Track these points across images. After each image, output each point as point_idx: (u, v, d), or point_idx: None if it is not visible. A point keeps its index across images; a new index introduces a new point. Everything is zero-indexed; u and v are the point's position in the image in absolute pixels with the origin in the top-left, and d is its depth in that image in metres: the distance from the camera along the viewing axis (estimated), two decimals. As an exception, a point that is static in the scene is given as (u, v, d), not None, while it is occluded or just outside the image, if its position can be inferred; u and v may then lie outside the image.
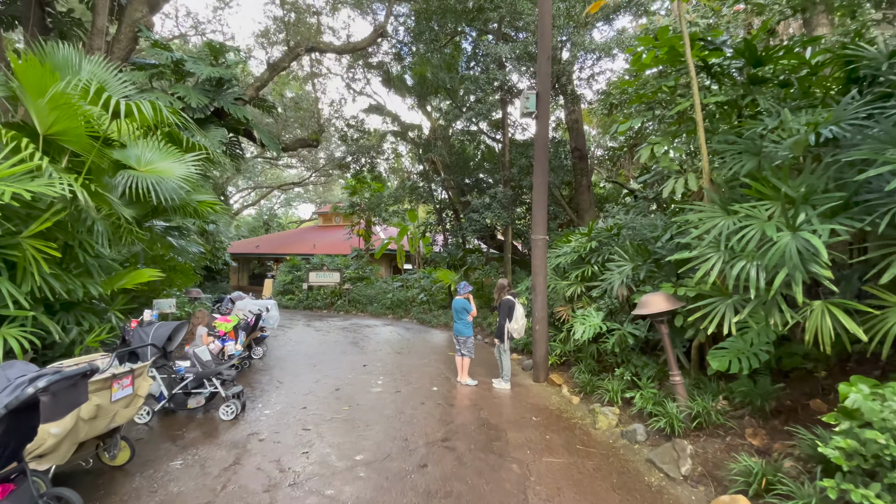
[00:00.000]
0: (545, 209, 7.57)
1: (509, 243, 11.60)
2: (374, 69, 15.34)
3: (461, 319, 7.57)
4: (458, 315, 7.59)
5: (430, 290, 16.98)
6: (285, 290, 20.60)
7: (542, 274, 7.44)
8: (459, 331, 7.56)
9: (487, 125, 14.14)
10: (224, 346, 7.61)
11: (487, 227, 12.80)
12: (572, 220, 12.90)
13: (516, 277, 13.86)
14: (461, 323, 7.57)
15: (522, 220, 13.82)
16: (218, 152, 8.36)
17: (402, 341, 11.61)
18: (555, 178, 12.95)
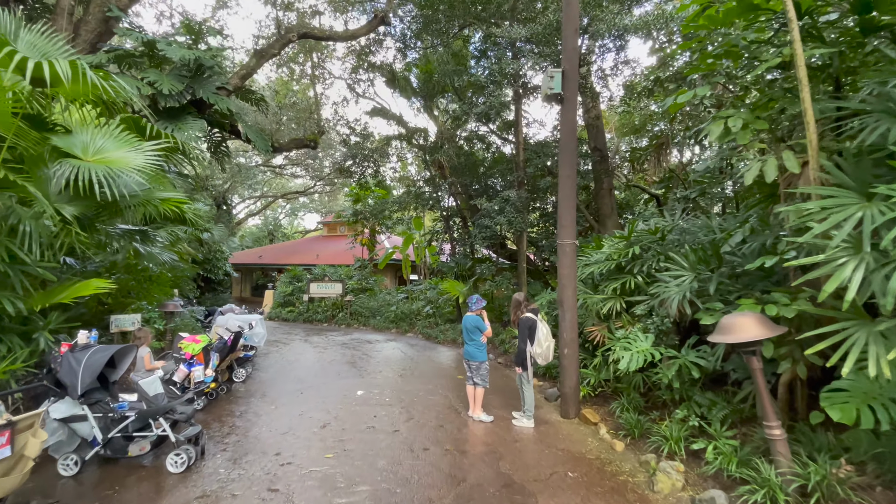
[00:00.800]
0: (573, 208, 6.18)
1: (523, 252, 10.22)
2: (377, 69, 14.15)
3: (473, 340, 6.15)
4: (470, 335, 6.17)
5: (436, 303, 15.56)
6: (286, 301, 19.27)
7: (570, 286, 6.03)
8: (471, 354, 6.13)
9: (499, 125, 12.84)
10: (190, 371, 6.24)
11: (497, 236, 11.43)
12: (592, 227, 11.48)
13: (531, 290, 12.42)
14: (473, 345, 6.15)
15: (536, 226, 12.43)
16: (196, 146, 7.06)
17: (405, 361, 10.18)
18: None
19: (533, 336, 5.91)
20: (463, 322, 6.28)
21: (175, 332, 9.37)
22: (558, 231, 6.22)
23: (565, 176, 6.17)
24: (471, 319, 6.16)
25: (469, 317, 6.20)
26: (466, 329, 6.19)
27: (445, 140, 14.50)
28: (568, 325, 6.00)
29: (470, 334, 6.16)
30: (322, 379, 8.40)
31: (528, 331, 5.96)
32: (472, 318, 6.16)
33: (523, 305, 6.28)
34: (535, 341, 5.90)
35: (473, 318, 6.17)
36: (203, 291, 23.57)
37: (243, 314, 9.86)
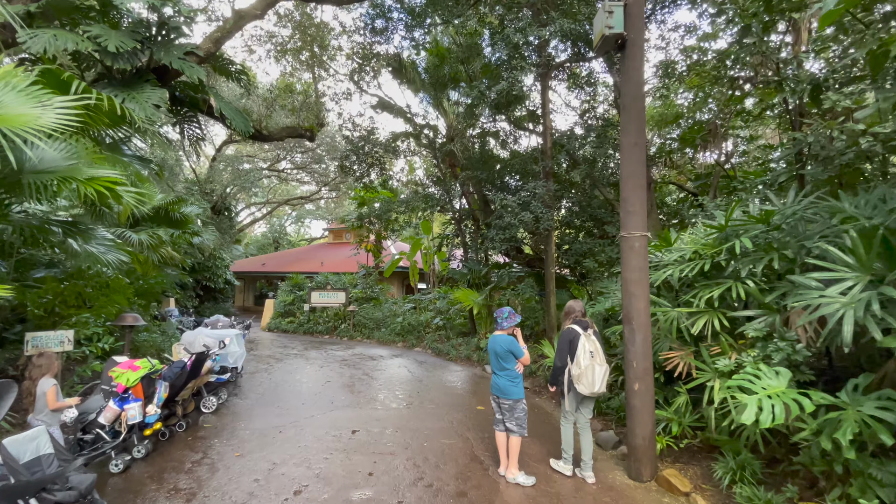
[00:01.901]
0: (643, 188, 4.41)
1: (551, 254, 8.40)
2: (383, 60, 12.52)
3: (506, 370, 4.34)
4: (501, 362, 4.36)
5: (446, 314, 13.74)
6: (286, 311, 17.54)
7: (641, 296, 4.22)
8: (503, 389, 4.32)
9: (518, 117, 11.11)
10: (123, 409, 4.46)
11: (514, 240, 9.64)
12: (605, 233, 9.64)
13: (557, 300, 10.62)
14: (506, 376, 4.34)
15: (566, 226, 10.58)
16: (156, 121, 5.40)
17: (412, 384, 8.35)
18: (601, 174, 9.80)
19: (573, 353, 4.27)
20: (490, 344, 4.47)
21: (139, 350, 7.65)
22: (622, 220, 4.43)
23: (630, 144, 4.40)
24: (502, 341, 4.35)
25: (499, 337, 4.40)
26: (496, 354, 4.38)
27: (456, 136, 12.81)
28: (639, 351, 4.17)
29: (501, 361, 4.35)
30: (311, 409, 6.60)
31: (568, 346, 4.33)
32: (504, 340, 4.35)
33: (574, 316, 4.62)
34: (574, 360, 4.27)
35: (505, 339, 4.37)
36: (202, 300, 21.92)
37: (224, 329, 8.14)
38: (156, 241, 10.61)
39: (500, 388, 4.32)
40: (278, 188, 29.08)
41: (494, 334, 4.46)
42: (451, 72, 10.92)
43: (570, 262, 9.41)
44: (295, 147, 23.15)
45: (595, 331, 4.51)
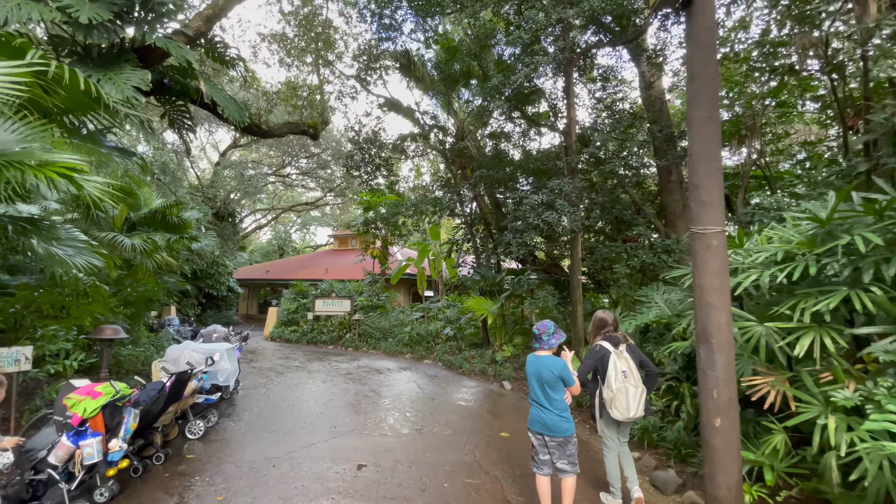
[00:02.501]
0: (719, 171, 3.53)
1: (578, 259, 7.49)
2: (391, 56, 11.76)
3: (555, 401, 3.43)
4: (549, 390, 3.44)
5: (457, 323, 12.81)
6: (290, 320, 16.67)
7: (722, 307, 3.31)
8: (552, 425, 3.41)
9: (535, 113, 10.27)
10: (78, 447, 3.57)
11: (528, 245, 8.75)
12: (657, 229, 8.74)
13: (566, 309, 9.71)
14: (555, 409, 3.43)
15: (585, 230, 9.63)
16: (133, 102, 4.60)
17: (423, 402, 7.41)
18: (627, 170, 8.92)
19: (603, 373, 3.71)
20: (531, 366, 3.57)
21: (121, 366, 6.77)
22: (693, 212, 3.53)
23: (703, 119, 3.52)
24: (551, 365, 3.45)
25: (546, 359, 3.49)
26: (541, 380, 3.48)
27: (467, 136, 12.00)
28: (721, 377, 3.24)
29: (548, 389, 3.45)
30: (311, 434, 5.68)
31: (599, 363, 3.76)
32: (554, 363, 3.46)
33: (606, 330, 3.94)
34: (605, 381, 3.70)
35: (555, 361, 3.48)
36: (204, 308, 21.08)
37: (216, 343, 7.28)
38: (150, 247, 9.82)
39: (546, 425, 3.40)
40: (283, 194, 28.36)
41: (537, 355, 3.57)
42: (462, 67, 10.13)
43: (596, 268, 8.49)
44: (300, 152, 22.44)
45: (630, 345, 3.84)
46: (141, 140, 18.99)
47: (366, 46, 11.92)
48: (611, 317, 3.98)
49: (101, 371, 5.80)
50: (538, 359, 3.52)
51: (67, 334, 5.30)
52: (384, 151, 12.11)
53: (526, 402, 7.49)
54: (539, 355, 3.54)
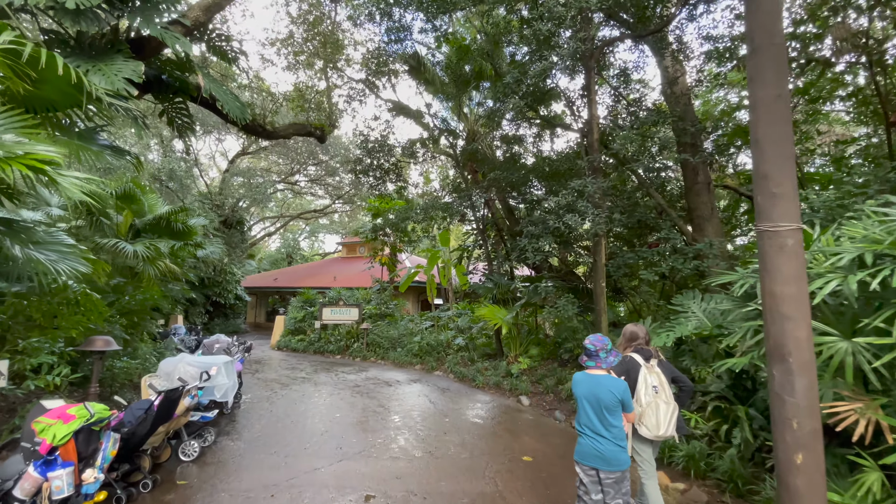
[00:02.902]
0: (792, 158, 2.98)
1: (602, 266, 6.91)
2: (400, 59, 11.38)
3: (614, 428, 2.92)
4: (607, 416, 2.94)
5: (468, 333, 12.24)
6: (297, 328, 16.20)
7: (802, 319, 2.74)
8: (610, 457, 2.88)
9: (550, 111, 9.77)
10: (46, 479, 3.07)
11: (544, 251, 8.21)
12: (682, 233, 8.13)
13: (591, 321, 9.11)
14: (613, 438, 2.92)
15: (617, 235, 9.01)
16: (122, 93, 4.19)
17: (436, 419, 6.84)
18: (651, 171, 8.37)
19: (632, 387, 3.34)
20: (585, 388, 3.03)
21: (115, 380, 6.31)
22: (760, 206, 2.98)
23: (768, 98, 2.99)
24: (612, 386, 2.95)
25: (604, 379, 2.99)
26: (598, 404, 2.94)
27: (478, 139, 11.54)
28: (802, 404, 2.67)
29: (607, 415, 2.92)
30: (314, 456, 5.15)
31: (626, 376, 3.36)
32: (615, 385, 2.96)
33: (635, 344, 3.63)
34: (634, 396, 3.33)
35: (615, 382, 2.98)
36: (212, 317, 20.73)
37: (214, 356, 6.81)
38: (153, 253, 9.43)
39: (604, 457, 2.84)
40: (292, 202, 28.10)
41: (591, 374, 3.04)
42: (474, 67, 9.69)
43: (618, 275, 7.90)
44: (308, 160, 22.16)
45: (662, 360, 3.54)
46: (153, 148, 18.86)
47: (375, 50, 11.56)
48: (643, 330, 3.68)
49: (91, 385, 5.33)
50: (593, 378, 2.99)
51: (52, 346, 4.84)
52: (393, 156, 11.68)
53: (547, 420, 6.89)
54: (594, 374, 3.01)
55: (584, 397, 2.98)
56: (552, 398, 7.73)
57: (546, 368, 8.80)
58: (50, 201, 10.33)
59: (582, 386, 3.02)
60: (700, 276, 7.77)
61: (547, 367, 8.87)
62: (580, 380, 3.06)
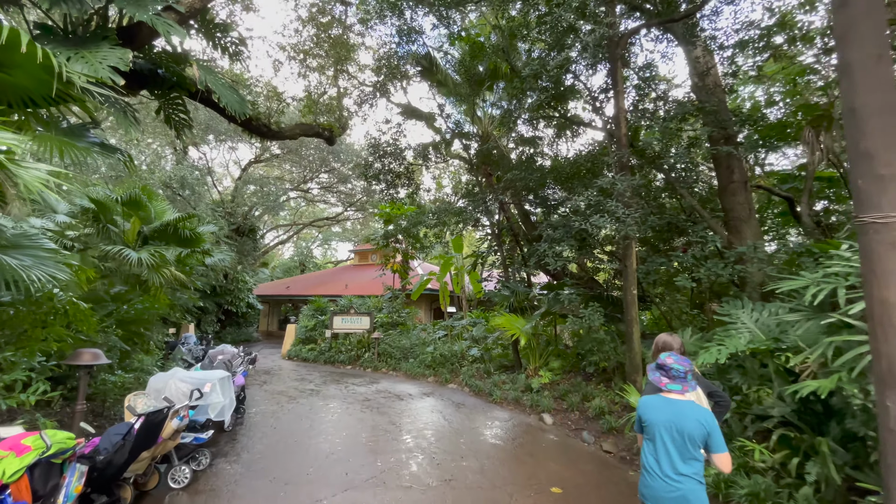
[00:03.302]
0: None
1: (633, 271, 6.26)
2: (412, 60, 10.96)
3: (696, 463, 2.36)
4: (691, 448, 2.38)
5: (484, 343, 11.61)
6: (307, 337, 15.74)
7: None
8: (693, 499, 2.29)
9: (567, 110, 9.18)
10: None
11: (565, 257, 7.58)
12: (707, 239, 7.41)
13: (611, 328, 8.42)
14: (695, 477, 2.34)
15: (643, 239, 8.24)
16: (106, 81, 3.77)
17: (451, 439, 6.21)
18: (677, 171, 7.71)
19: None
20: (663, 416, 2.49)
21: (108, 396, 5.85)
22: (860, 192, 2.37)
23: (867, 59, 2.39)
24: (703, 417, 2.43)
25: (692, 407, 2.46)
26: (684, 437, 2.39)
27: (493, 141, 11.01)
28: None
29: (690, 448, 2.38)
30: (318, 484, 4.58)
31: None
32: (705, 414, 2.44)
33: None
34: None
35: (704, 411, 2.45)
36: (223, 325, 20.44)
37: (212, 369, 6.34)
38: (158, 261, 9.07)
39: (686, 500, 2.22)
40: (305, 210, 27.91)
41: (673, 399, 2.49)
42: (490, 64, 9.18)
43: (648, 281, 7.23)
44: (321, 167, 21.91)
45: (697, 374, 3.21)
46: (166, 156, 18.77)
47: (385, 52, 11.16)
48: (677, 341, 3.35)
49: (78, 403, 4.85)
50: (674, 405, 2.44)
51: (30, 361, 4.39)
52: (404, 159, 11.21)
53: (574, 442, 6.21)
54: (676, 400, 2.50)
55: (663, 426, 2.42)
56: (577, 416, 7.04)
57: (569, 383, 8.11)
58: (56, 208, 10.12)
59: (659, 413, 2.46)
60: (738, 282, 7.06)
61: (570, 382, 8.18)
62: (656, 405, 2.51)
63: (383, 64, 11.04)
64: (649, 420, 2.49)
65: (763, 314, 4.77)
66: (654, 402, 2.53)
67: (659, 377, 2.57)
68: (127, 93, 5.36)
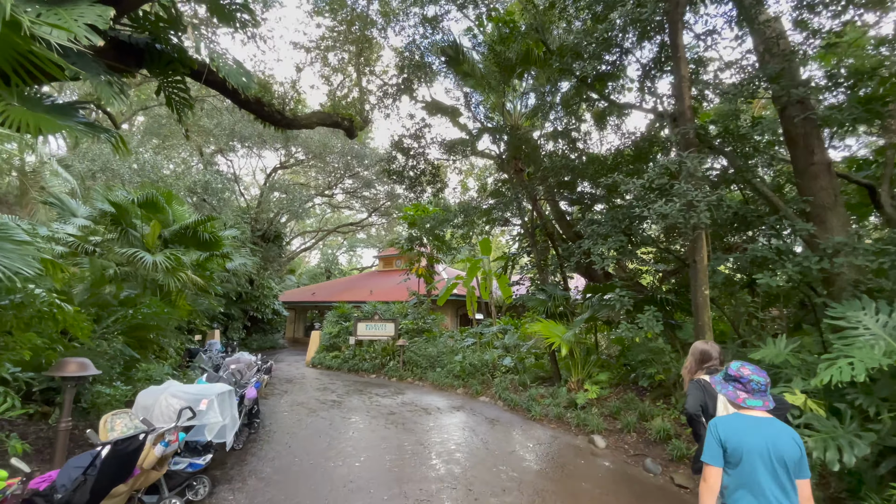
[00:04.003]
0: None
1: (704, 267, 5.16)
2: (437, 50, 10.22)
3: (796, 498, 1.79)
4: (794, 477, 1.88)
5: (517, 352, 10.57)
6: (331, 344, 15.05)
7: None
8: None
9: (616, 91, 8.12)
10: None
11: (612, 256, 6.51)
12: (794, 230, 6.20)
13: (672, 335, 7.31)
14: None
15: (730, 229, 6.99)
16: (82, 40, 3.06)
17: (487, 464, 5.23)
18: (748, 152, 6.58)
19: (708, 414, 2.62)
20: (754, 439, 1.95)
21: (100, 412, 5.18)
22: None
23: None
24: (794, 435, 1.97)
25: (783, 428, 2.00)
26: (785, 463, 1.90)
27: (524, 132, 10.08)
28: None
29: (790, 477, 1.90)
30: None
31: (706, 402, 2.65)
32: (793, 432, 1.98)
33: (707, 366, 3.03)
34: None
35: (794, 432, 1.98)
36: (249, 332, 20.06)
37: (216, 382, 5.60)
38: (173, 264, 8.54)
39: None
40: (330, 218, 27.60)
41: (760, 417, 2.05)
42: (521, 47, 8.29)
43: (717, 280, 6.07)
44: (346, 173, 21.47)
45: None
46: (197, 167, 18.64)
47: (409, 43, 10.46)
48: (716, 349, 3.12)
49: (62, 420, 4.16)
50: (764, 424, 2.01)
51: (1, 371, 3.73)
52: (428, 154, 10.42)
53: (635, 471, 5.12)
54: (763, 419, 2.04)
55: (756, 453, 1.93)
56: (635, 439, 5.93)
57: (620, 399, 6.99)
58: (76, 212, 9.80)
59: (751, 435, 1.97)
60: (826, 280, 5.85)
61: (620, 398, 7.06)
62: (741, 427, 2.02)
63: (406, 58, 10.34)
64: (740, 446, 1.94)
65: (894, 317, 3.63)
66: (740, 423, 2.03)
67: (734, 391, 2.14)
68: (124, 72, 4.73)
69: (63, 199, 9.35)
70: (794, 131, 6.39)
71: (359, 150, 19.30)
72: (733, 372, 2.17)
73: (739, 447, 1.94)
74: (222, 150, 18.07)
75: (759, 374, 2.12)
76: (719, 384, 2.22)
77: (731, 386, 2.15)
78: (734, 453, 1.95)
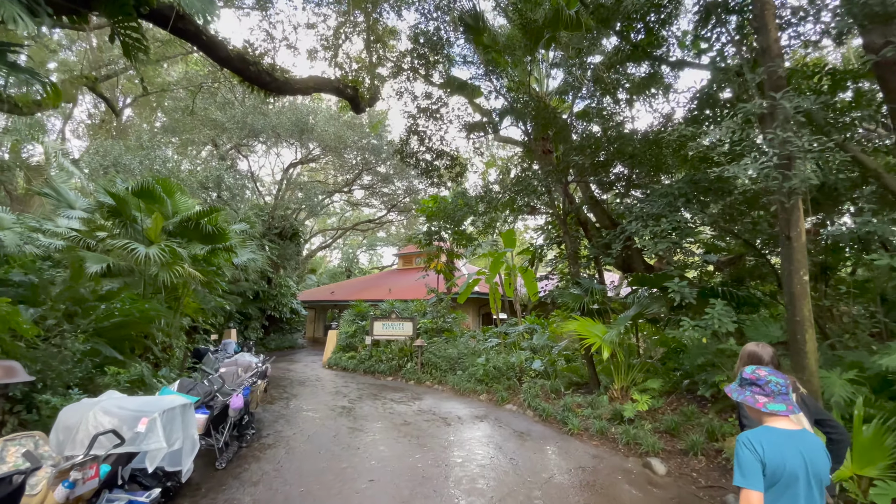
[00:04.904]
0: None
1: (802, 244, 3.86)
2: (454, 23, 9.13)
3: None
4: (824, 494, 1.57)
5: (548, 354, 9.33)
6: (348, 344, 14.12)
7: None
8: None
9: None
10: None
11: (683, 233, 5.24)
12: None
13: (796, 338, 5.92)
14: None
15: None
16: None
17: (520, 494, 4.06)
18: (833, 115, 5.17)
19: None
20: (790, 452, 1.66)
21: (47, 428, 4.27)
22: None
23: None
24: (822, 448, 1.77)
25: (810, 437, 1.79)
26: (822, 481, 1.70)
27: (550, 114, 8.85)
28: None
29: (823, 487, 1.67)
30: None
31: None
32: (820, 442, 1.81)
33: None
34: None
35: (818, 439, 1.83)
36: (267, 331, 19.40)
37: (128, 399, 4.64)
38: (168, 257, 7.74)
39: None
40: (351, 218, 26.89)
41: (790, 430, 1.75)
42: (552, 2, 7.08)
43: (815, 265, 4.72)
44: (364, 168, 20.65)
45: (802, 395, 2.52)
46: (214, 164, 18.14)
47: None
48: (767, 352, 2.57)
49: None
50: (797, 439, 1.72)
51: None
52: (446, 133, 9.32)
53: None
54: (795, 431, 1.75)
55: (799, 473, 1.65)
56: (704, 465, 4.64)
57: (677, 412, 5.69)
58: (74, 204, 9.16)
59: (790, 452, 1.67)
60: None
61: (677, 411, 5.76)
62: (778, 442, 1.69)
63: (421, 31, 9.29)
64: (781, 466, 1.64)
65: None
66: (776, 437, 1.71)
67: (752, 396, 1.85)
68: (72, 13, 3.82)
69: (60, 190, 8.71)
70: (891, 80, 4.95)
71: (375, 143, 18.42)
72: (748, 375, 1.92)
73: (781, 467, 1.67)
74: (238, 146, 17.50)
75: (778, 375, 1.88)
76: (736, 391, 1.95)
77: (748, 391, 1.89)
78: (774, 474, 1.68)
